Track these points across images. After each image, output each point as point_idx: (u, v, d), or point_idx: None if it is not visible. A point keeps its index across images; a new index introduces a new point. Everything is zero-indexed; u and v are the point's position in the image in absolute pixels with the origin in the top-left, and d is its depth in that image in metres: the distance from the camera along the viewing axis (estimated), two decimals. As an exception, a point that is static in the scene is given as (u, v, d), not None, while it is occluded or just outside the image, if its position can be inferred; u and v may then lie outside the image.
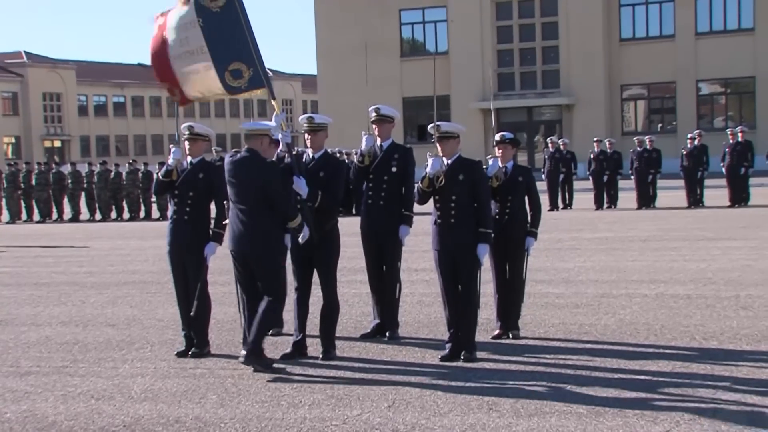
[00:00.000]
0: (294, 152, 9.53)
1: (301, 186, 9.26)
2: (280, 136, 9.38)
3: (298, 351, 9.50)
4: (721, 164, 27.35)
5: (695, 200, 27.39)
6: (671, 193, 29.31)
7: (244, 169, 8.89)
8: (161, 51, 9.69)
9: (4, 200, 33.68)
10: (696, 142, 27.84)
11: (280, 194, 8.91)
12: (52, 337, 11.11)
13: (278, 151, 9.51)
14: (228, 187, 9.06)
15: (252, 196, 8.85)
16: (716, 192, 27.82)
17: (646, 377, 8.34)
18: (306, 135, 9.75)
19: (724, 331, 10.16)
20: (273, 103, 9.72)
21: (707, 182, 27.89)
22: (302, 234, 9.02)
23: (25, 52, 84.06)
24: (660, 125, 50.12)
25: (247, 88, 9.66)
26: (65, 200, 33.22)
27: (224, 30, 9.45)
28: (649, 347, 9.52)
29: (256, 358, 8.83)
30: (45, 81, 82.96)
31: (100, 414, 7.77)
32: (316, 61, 55.52)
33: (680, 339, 9.86)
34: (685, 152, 27.93)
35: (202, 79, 9.62)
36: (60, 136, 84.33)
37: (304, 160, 9.62)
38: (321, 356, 9.41)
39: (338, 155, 22.78)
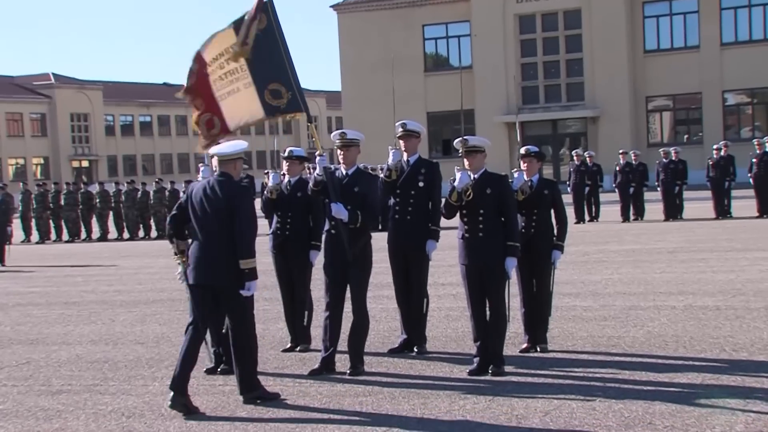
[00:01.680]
0: (331, 178, 9.47)
1: (340, 211, 9.28)
2: (317, 160, 9.48)
3: (326, 367, 9.51)
4: (749, 175, 27.19)
5: (723, 211, 27.24)
6: (698, 204, 29.18)
7: (219, 193, 8.41)
8: (203, 81, 9.71)
9: (33, 220, 33.96)
10: (722, 152, 27.76)
11: (247, 225, 8.37)
12: (83, 355, 11.17)
13: (315, 174, 9.54)
14: (193, 215, 8.54)
15: (224, 221, 8.33)
16: (744, 203, 27.68)
17: (676, 389, 8.29)
18: (338, 151, 9.74)
19: (754, 342, 10.10)
20: (310, 127, 9.82)
21: (734, 193, 27.76)
22: (248, 286, 8.33)
23: (52, 73, 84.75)
24: (686, 136, 49.92)
25: (285, 110, 9.70)
26: (93, 220, 33.43)
27: (264, 51, 9.50)
28: (678, 359, 9.47)
29: (253, 393, 8.48)
30: (72, 102, 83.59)
31: (130, 432, 7.82)
32: (340, 77, 55.70)
33: (710, 351, 9.80)
34: (711, 163, 27.83)
35: (243, 97, 9.62)
36: (87, 156, 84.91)
37: (336, 176, 9.62)
38: (349, 372, 9.40)
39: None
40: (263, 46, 9.50)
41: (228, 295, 8.42)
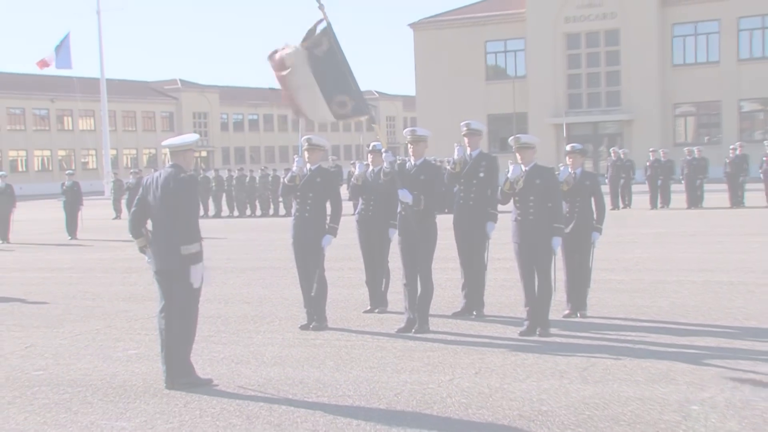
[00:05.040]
0: (398, 169, 9.50)
1: (406, 196, 9.29)
2: (384, 156, 9.51)
3: (411, 326, 9.49)
4: (760, 170, 26.72)
5: (737, 201, 26.68)
6: (716, 195, 28.60)
7: (169, 183, 7.49)
8: (284, 86, 9.77)
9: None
10: (738, 151, 27.19)
11: (191, 211, 7.59)
12: (201, 311, 11.10)
13: (384, 167, 9.55)
14: (153, 207, 7.60)
15: (171, 210, 7.49)
16: (755, 194, 27.04)
17: (695, 351, 8.15)
18: (409, 145, 9.74)
19: (763, 312, 9.88)
20: (375, 126, 9.82)
21: (747, 186, 27.13)
22: (194, 273, 7.54)
23: (179, 79, 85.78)
24: (707, 137, 48.94)
25: (352, 114, 9.71)
26: (210, 200, 33.82)
27: (328, 70, 9.49)
28: (697, 326, 9.30)
29: (186, 378, 7.51)
30: (195, 103, 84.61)
31: (239, 375, 7.90)
32: (414, 84, 55.59)
33: (724, 319, 9.61)
34: (728, 160, 27.27)
35: (316, 98, 9.63)
36: (206, 148, 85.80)
37: (406, 167, 9.61)
38: (414, 330, 9.40)
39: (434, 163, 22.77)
40: (327, 65, 9.48)
41: (182, 282, 7.54)
